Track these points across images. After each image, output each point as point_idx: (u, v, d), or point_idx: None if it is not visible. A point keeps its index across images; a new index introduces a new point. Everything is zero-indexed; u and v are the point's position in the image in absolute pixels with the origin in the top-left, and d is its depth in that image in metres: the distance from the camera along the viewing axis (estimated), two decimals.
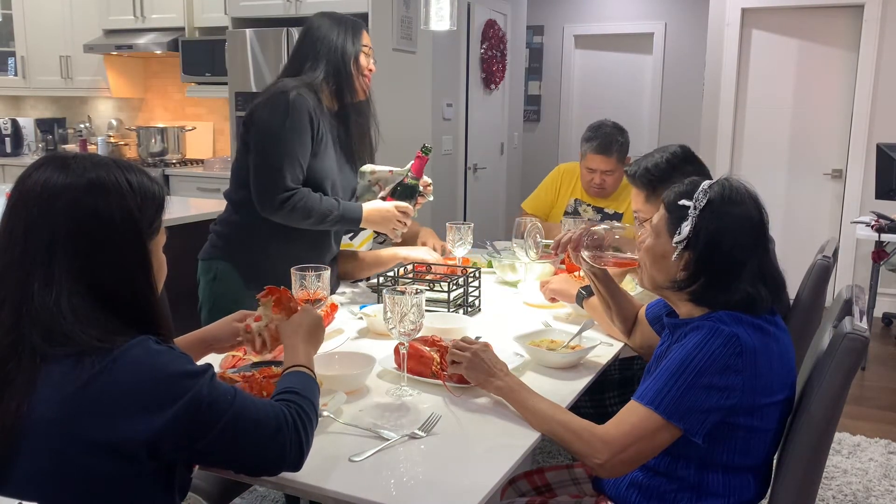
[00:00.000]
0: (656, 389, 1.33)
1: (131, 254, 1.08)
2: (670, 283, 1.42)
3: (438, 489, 1.22)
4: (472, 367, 1.53)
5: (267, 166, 2.09)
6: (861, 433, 3.31)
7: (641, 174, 2.08)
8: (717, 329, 1.32)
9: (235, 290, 2.19)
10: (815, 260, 1.94)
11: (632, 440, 1.32)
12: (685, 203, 1.38)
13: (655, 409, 1.31)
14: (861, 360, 1.33)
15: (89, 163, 1.08)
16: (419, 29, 4.42)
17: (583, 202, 3.07)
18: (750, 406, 1.33)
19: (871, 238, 4.08)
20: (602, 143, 2.86)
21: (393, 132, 4.20)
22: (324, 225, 2.17)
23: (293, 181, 2.10)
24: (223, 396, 1.07)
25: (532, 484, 1.77)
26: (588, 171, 2.95)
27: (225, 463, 1.12)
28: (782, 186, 5.52)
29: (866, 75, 5.09)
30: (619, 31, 7.12)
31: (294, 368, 1.31)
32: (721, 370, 1.29)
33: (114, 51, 5.44)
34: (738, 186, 1.40)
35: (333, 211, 2.16)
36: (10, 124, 6.14)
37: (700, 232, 1.36)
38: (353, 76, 2.20)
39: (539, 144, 7.43)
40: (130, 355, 1.02)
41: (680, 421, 1.31)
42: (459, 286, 2.18)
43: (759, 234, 1.39)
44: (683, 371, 1.31)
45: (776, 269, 1.43)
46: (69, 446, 0.98)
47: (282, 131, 2.07)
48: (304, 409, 1.19)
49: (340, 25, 2.20)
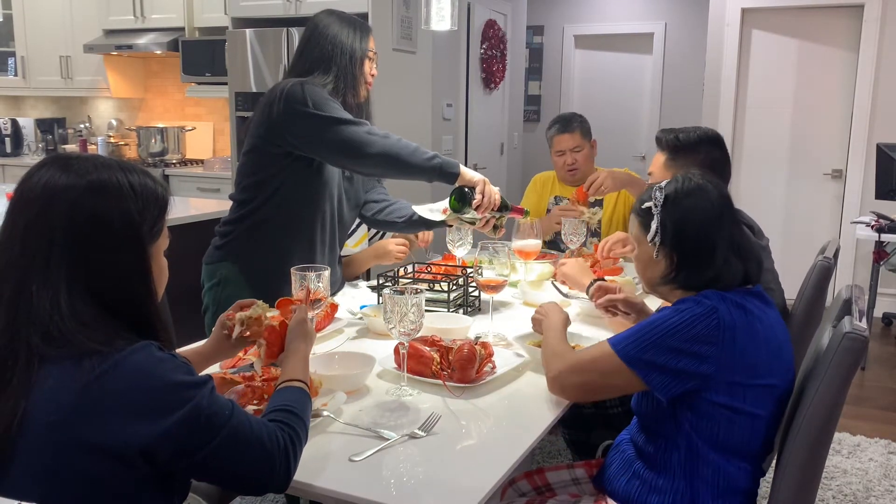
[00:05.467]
0: (625, 335, 1.43)
1: (130, 257, 1.07)
2: (661, 278, 1.51)
3: (438, 489, 1.22)
4: (536, 313, 1.80)
5: (329, 121, 1.98)
6: (861, 433, 3.31)
7: (670, 138, 2.19)
8: (699, 301, 1.40)
9: (240, 293, 2.13)
10: (816, 261, 1.94)
11: (586, 368, 1.47)
12: (648, 205, 1.50)
13: (617, 352, 1.41)
14: (860, 359, 1.33)
15: (91, 164, 1.07)
16: (419, 29, 4.42)
17: (562, 198, 3.18)
18: (728, 383, 1.37)
19: (871, 238, 4.08)
20: (562, 123, 3.14)
21: (393, 132, 4.21)
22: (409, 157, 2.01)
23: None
24: (221, 411, 1.06)
25: (532, 484, 1.77)
26: (558, 156, 3.16)
27: (213, 478, 1.11)
28: (782, 186, 5.52)
29: (866, 75, 5.09)
30: (619, 31, 7.12)
31: (290, 383, 1.30)
32: (694, 337, 1.36)
33: (114, 51, 5.45)
34: (690, 177, 1.51)
35: (416, 146, 2.04)
36: (10, 124, 6.15)
37: (666, 224, 1.47)
38: (357, 79, 2.16)
39: (539, 144, 7.40)
40: (132, 361, 1.01)
41: (638, 369, 1.39)
42: (459, 286, 2.18)
43: (722, 211, 1.47)
44: (655, 328, 1.40)
45: (749, 242, 1.53)
46: (66, 448, 0.98)
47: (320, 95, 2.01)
48: (297, 431, 1.17)
49: (350, 26, 2.15)
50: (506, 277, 1.94)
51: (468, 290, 2.21)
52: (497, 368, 1.69)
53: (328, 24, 2.14)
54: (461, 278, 2.20)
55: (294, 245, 2.15)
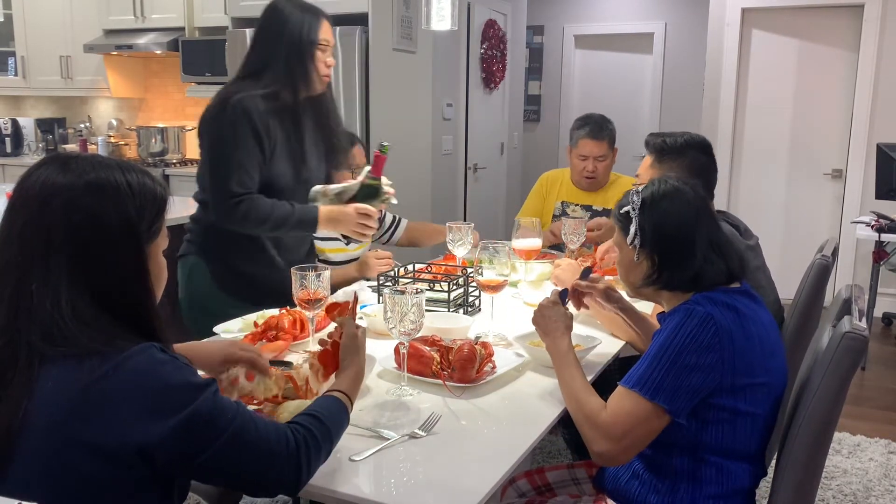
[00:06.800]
0: (640, 373, 1.39)
1: (127, 256, 1.07)
2: (644, 280, 1.52)
3: (438, 489, 1.22)
4: (534, 320, 1.70)
5: (213, 174, 2.09)
6: (861, 433, 3.31)
7: (657, 142, 2.20)
8: (691, 311, 1.39)
9: (206, 286, 2.22)
10: (814, 259, 1.94)
11: (628, 428, 1.37)
12: (626, 210, 1.52)
13: (640, 392, 1.37)
14: (860, 359, 1.33)
15: (90, 164, 1.07)
16: (419, 29, 4.42)
17: (570, 203, 3.13)
18: (731, 386, 1.37)
19: (871, 238, 4.08)
20: (593, 128, 3.00)
21: (393, 132, 4.21)
22: (281, 230, 2.14)
23: (240, 186, 2.06)
24: (223, 414, 1.05)
25: (532, 484, 1.78)
26: (580, 160, 3.04)
27: (220, 480, 1.09)
28: (782, 186, 5.52)
29: (866, 75, 5.09)
30: (619, 31, 7.12)
31: (333, 393, 1.28)
32: (699, 349, 1.35)
33: (114, 51, 5.45)
34: (666, 180, 1.53)
35: (288, 215, 2.11)
36: (10, 124, 6.14)
37: (645, 227, 1.49)
38: (309, 73, 2.12)
39: (539, 144, 7.43)
40: (134, 362, 1.01)
41: (665, 401, 1.36)
42: (459, 286, 2.18)
43: (698, 211, 1.49)
44: (664, 353, 1.37)
45: (728, 239, 1.54)
46: (66, 448, 0.98)
47: (223, 137, 2.05)
48: (315, 436, 1.14)
49: (301, 14, 2.10)
50: (506, 277, 1.94)
51: (468, 290, 2.21)
52: (497, 368, 1.69)
53: (277, 15, 2.11)
54: (461, 278, 2.20)
55: (248, 244, 2.21)
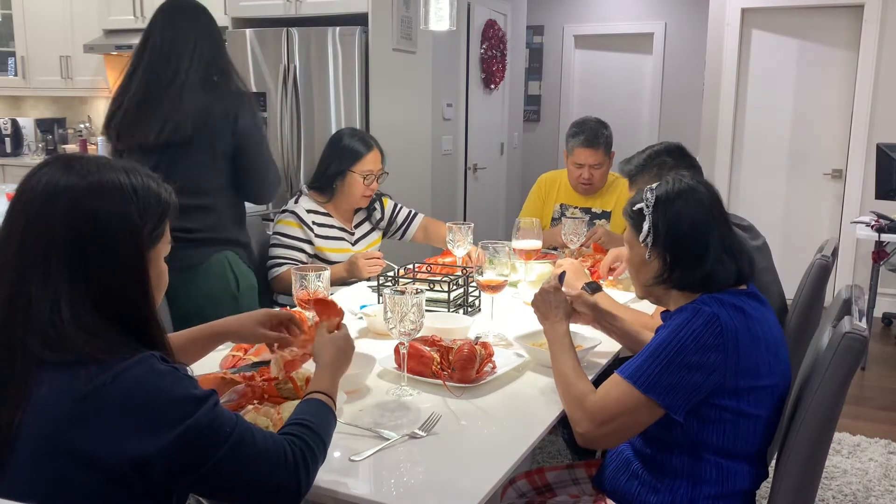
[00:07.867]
0: (637, 365, 1.39)
1: (127, 260, 1.05)
2: (654, 279, 1.50)
3: (438, 489, 1.22)
4: (534, 303, 1.70)
5: (270, 160, 2.45)
6: (861, 433, 3.31)
7: (625, 168, 2.25)
8: (698, 310, 1.38)
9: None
10: (814, 259, 1.94)
11: (614, 414, 1.38)
12: (639, 207, 1.50)
13: (634, 384, 1.37)
14: (860, 359, 1.33)
15: (94, 165, 1.06)
16: (419, 29, 4.42)
17: (569, 206, 3.11)
18: (734, 387, 1.36)
19: (871, 238, 4.08)
20: (588, 136, 2.96)
21: (393, 132, 4.21)
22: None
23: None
24: (222, 427, 1.03)
25: (532, 484, 1.78)
26: (576, 167, 3.02)
27: (219, 494, 1.08)
28: (782, 186, 5.51)
29: (866, 75, 5.09)
30: (618, 31, 7.12)
31: (314, 395, 1.26)
32: (701, 348, 1.34)
33: (114, 51, 5.44)
34: (680, 178, 1.52)
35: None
36: (10, 124, 6.14)
37: (659, 225, 1.47)
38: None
39: (539, 144, 7.43)
40: (132, 374, 0.99)
41: (659, 396, 1.35)
42: (459, 286, 2.19)
43: (713, 211, 1.48)
44: (665, 348, 1.36)
45: (740, 241, 1.54)
46: (60, 456, 0.96)
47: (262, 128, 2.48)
48: (310, 446, 1.13)
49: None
50: (506, 277, 1.94)
51: (468, 290, 2.21)
52: (497, 368, 1.69)
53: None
54: (461, 278, 2.20)
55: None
